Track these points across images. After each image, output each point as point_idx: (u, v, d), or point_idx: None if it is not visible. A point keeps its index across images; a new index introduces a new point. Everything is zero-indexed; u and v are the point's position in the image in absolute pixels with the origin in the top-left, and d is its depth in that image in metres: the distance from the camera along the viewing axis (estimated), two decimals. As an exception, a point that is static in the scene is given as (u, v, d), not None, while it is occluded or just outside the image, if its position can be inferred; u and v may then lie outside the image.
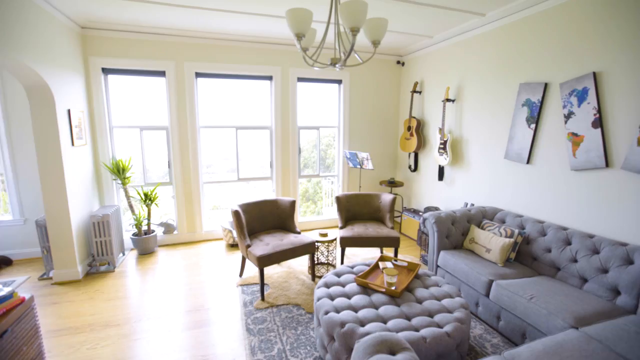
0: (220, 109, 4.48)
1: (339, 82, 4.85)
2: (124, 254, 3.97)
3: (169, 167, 4.27)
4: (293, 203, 3.53)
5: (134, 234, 4.03)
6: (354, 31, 1.65)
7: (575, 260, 2.45)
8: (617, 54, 2.36)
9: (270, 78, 4.49)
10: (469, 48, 3.72)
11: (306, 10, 1.72)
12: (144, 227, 4.09)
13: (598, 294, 2.26)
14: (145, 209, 4.03)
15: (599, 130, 2.47)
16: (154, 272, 3.53)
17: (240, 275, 3.38)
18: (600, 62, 2.47)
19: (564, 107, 2.71)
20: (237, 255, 3.98)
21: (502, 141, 3.35)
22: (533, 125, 2.99)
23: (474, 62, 3.66)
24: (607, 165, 2.45)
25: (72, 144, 3.30)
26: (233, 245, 4.29)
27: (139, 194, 3.95)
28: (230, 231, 4.18)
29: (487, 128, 3.53)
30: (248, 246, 3.01)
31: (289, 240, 3.12)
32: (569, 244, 2.54)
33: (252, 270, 3.53)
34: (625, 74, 2.32)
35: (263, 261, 2.84)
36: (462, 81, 3.86)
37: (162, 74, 4.02)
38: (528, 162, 3.07)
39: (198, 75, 4.17)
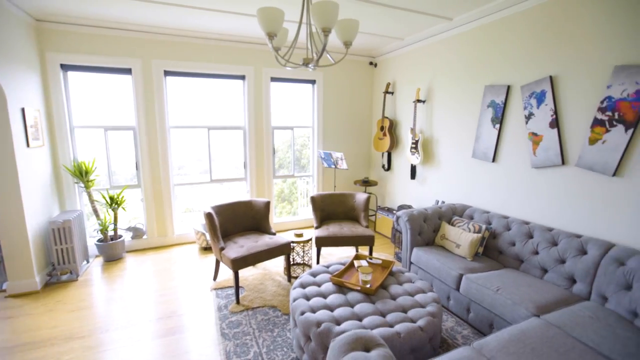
0: (192, 109, 4.35)
1: (313, 82, 4.85)
2: (88, 262, 3.75)
3: (136, 169, 4.09)
4: (268, 204, 3.49)
5: (99, 240, 3.82)
6: (326, 32, 1.66)
7: (537, 253, 2.60)
8: (570, 59, 2.53)
9: (243, 77, 4.42)
10: (438, 51, 3.85)
11: (277, 9, 1.70)
12: (110, 233, 3.90)
13: (557, 283, 2.42)
14: (112, 213, 3.83)
15: (555, 130, 2.64)
16: (121, 279, 3.36)
17: (214, 278, 3.29)
18: (556, 66, 2.64)
19: (525, 108, 2.87)
20: (211, 258, 3.88)
21: (470, 141, 3.50)
22: (497, 126, 3.14)
23: (443, 64, 3.79)
24: (563, 162, 2.62)
25: (27, 145, 3.08)
26: (206, 249, 4.18)
27: (104, 197, 3.75)
28: (203, 234, 4.07)
29: (456, 128, 3.67)
30: (222, 249, 2.94)
31: (264, 241, 3.08)
32: (531, 237, 2.69)
33: (226, 273, 3.45)
34: (577, 78, 2.49)
35: (237, 264, 2.79)
36: (432, 82, 3.99)
37: (128, 71, 3.84)
38: (493, 160, 3.22)
39: (167, 73, 4.03)
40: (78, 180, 3.71)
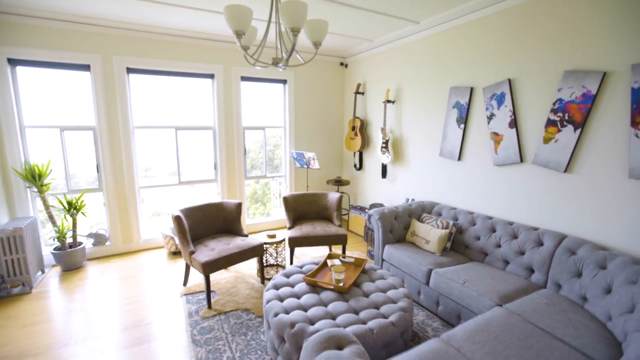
0: (159, 109, 4.18)
1: (284, 82, 4.82)
2: (43, 272, 3.49)
3: (98, 171, 3.86)
4: (239, 205, 3.43)
5: (56, 249, 3.56)
6: (295, 31, 1.65)
7: (499, 246, 2.75)
8: (526, 64, 2.70)
9: (212, 76, 4.30)
10: (406, 53, 3.96)
11: (245, 7, 1.68)
12: (69, 240, 3.65)
13: (517, 274, 2.57)
14: (70, 219, 3.59)
15: (514, 130, 2.80)
16: (82, 289, 3.16)
17: (185, 284, 3.18)
18: (514, 70, 2.80)
19: (487, 109, 3.02)
20: (181, 263, 3.75)
21: (437, 140, 3.63)
22: (462, 126, 3.28)
23: (411, 66, 3.91)
24: (521, 160, 2.79)
25: (-29, 147, 2.81)
26: (176, 253, 4.03)
27: (61, 202, 3.50)
28: (172, 238, 3.92)
29: (424, 128, 3.79)
30: (192, 253, 2.85)
31: (235, 244, 3.02)
32: (494, 231, 2.84)
33: (197, 278, 3.35)
34: (532, 81, 2.66)
35: (208, 267, 2.71)
36: (400, 83, 4.09)
37: (86, 67, 3.62)
38: (459, 159, 3.37)
39: (130, 71, 3.83)
40: (30, 184, 3.44)
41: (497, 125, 2.94)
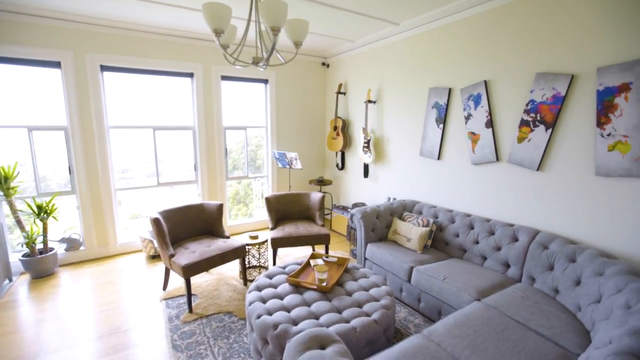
0: (136, 108, 4.05)
1: (265, 81, 4.79)
2: (10, 280, 3.31)
3: (70, 173, 3.70)
4: (220, 206, 3.37)
5: (24, 255, 3.38)
6: (275, 31, 1.64)
7: (477, 242, 2.83)
8: (501, 66, 2.80)
9: (191, 75, 4.21)
10: (387, 53, 4.02)
11: (224, 5, 1.65)
12: (39, 246, 3.48)
13: (494, 269, 2.66)
14: (40, 223, 3.42)
15: (490, 130, 2.89)
16: (54, 297, 3.02)
17: (164, 288, 3.10)
18: (490, 71, 2.89)
19: (464, 109, 3.11)
20: (160, 267, 3.65)
21: (417, 139, 3.70)
22: (441, 126, 3.36)
23: (391, 66, 3.96)
24: (497, 159, 2.89)
25: None
26: (155, 257, 3.92)
27: (30, 206, 3.33)
28: (151, 241, 3.81)
29: (405, 128, 3.86)
30: (171, 256, 2.78)
31: (217, 245, 2.97)
32: (472, 228, 2.92)
33: (177, 281, 3.27)
34: (507, 83, 2.76)
35: (189, 270, 2.65)
36: (381, 84, 4.15)
37: (56, 65, 3.46)
38: (439, 158, 3.44)
39: (104, 68, 3.69)
40: (-4, 187, 3.25)
41: (474, 125, 3.03)
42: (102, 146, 3.75)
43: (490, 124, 2.89)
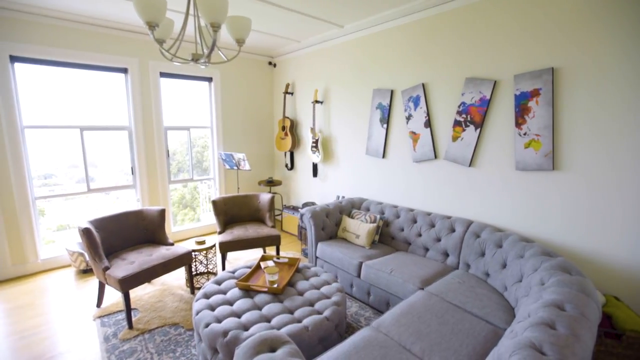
0: (59, 106, 3.60)
1: (209, 79, 4.59)
2: None
3: (-26, 181, 3.17)
4: (162, 212, 3.15)
5: None
6: (215, 27, 1.57)
7: (420, 235, 3.02)
8: (436, 69, 3.02)
9: (124, 71, 3.87)
10: (333, 55, 4.10)
11: (158, -4, 1.54)
12: None
13: (435, 259, 2.86)
14: None
15: (429, 129, 3.11)
16: (-44, 326, 2.57)
17: (98, 305, 2.81)
18: (427, 75, 3.10)
19: (405, 110, 3.30)
20: (93, 282, 3.30)
21: (363, 139, 3.83)
22: (385, 125, 3.52)
23: (337, 67, 4.05)
24: (436, 157, 3.11)
25: None
26: (86, 271, 3.53)
27: None
28: (81, 254, 3.42)
29: (351, 127, 3.97)
30: (106, 269, 2.53)
31: (159, 254, 2.77)
32: (415, 222, 3.11)
33: (114, 296, 2.99)
34: (442, 86, 2.99)
35: (127, 283, 2.43)
36: (328, 84, 4.22)
37: (-49, 54, 2.94)
38: (383, 156, 3.61)
39: (15, 59, 3.23)
40: None
41: (415, 125, 3.23)
42: (14, 148, 3.28)
43: (428, 124, 3.11)
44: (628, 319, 1.88)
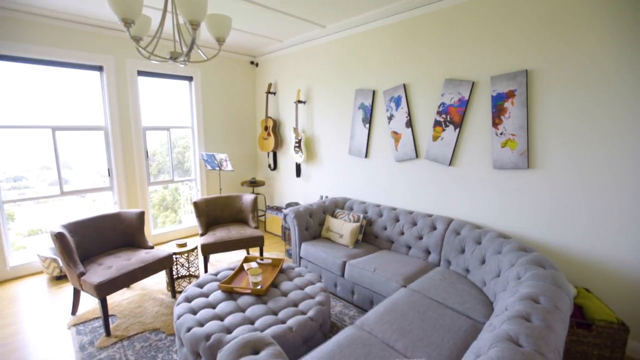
0: (28, 105, 3.43)
1: (190, 79, 4.50)
2: None
3: None
4: (141, 215, 3.06)
5: None
6: (194, 25, 1.54)
7: (403, 233, 3.06)
8: (417, 70, 3.07)
9: (100, 69, 3.74)
10: (315, 55, 4.10)
11: (134, -8, 1.49)
12: None
13: (418, 257, 2.91)
14: None
15: (410, 129, 3.16)
16: None
17: (73, 312, 2.70)
18: (408, 75, 3.15)
19: (387, 110, 3.34)
20: (67, 289, 3.17)
21: (346, 139, 3.85)
22: (367, 125, 3.56)
23: (320, 67, 4.06)
24: (417, 156, 3.17)
25: None
26: (60, 278, 3.38)
27: None
28: (54, 260, 3.28)
29: (334, 127, 3.99)
30: (81, 274, 2.43)
31: (138, 258, 2.69)
32: (398, 220, 3.15)
33: (90, 303, 2.88)
34: (422, 86, 3.04)
35: (104, 289, 2.35)
36: (310, 84, 4.22)
37: None
38: (366, 156, 3.64)
39: (-20, 56, 3.06)
40: None
41: (396, 125, 3.27)
42: (-19, 150, 3.11)
43: (409, 124, 3.16)
44: (598, 309, 1.97)
